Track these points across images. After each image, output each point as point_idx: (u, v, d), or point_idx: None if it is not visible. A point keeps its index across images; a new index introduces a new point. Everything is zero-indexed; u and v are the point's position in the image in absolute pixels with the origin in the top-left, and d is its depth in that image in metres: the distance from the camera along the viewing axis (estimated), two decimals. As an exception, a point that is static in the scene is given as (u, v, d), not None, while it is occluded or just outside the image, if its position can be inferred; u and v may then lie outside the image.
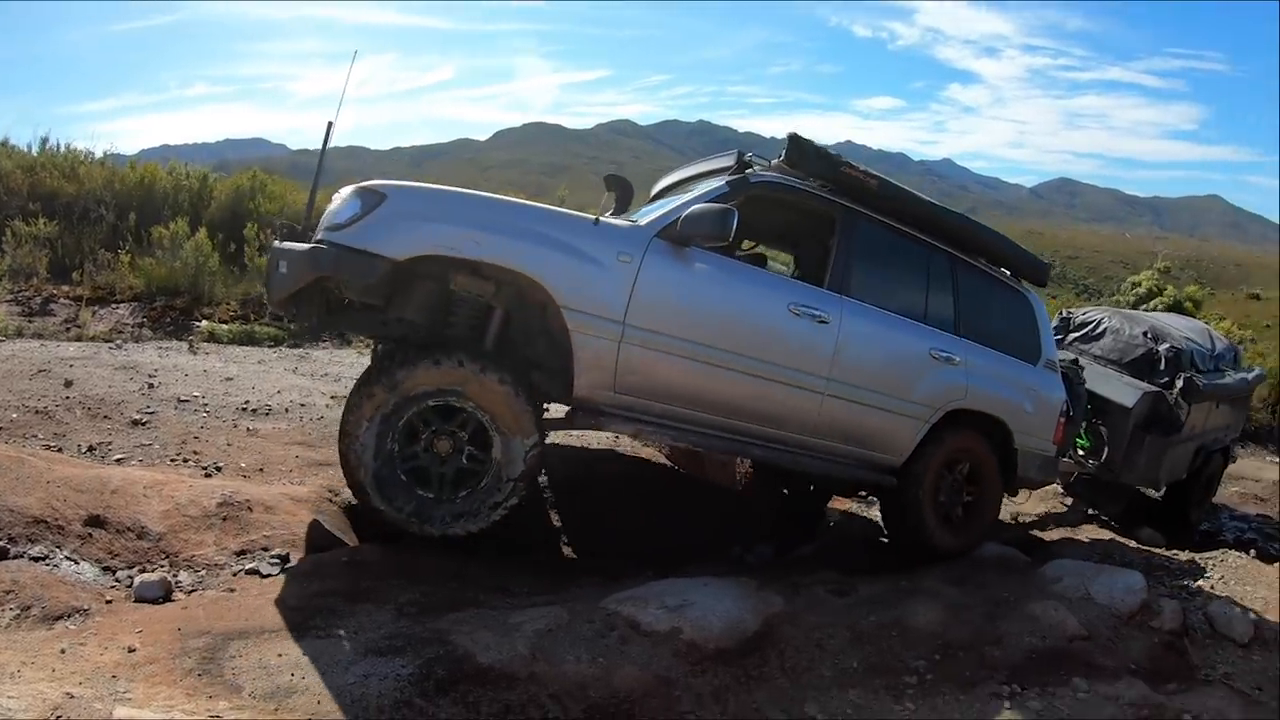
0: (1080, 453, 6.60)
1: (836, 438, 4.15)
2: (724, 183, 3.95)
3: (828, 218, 4.26)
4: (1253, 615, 4.28)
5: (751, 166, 4.12)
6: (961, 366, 4.47)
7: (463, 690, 2.37)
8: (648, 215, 3.80)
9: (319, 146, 3.77)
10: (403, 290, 3.46)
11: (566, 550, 4.35)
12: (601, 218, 3.62)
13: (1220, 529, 8.11)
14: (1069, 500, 7.63)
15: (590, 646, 2.69)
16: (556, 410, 3.96)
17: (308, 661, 2.37)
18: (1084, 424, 6.35)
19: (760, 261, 5.08)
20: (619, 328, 3.48)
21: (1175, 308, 21.17)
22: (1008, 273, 5.05)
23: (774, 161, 4.21)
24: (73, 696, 2.07)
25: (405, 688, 2.30)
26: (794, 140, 4.13)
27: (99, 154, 8.40)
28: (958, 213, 4.83)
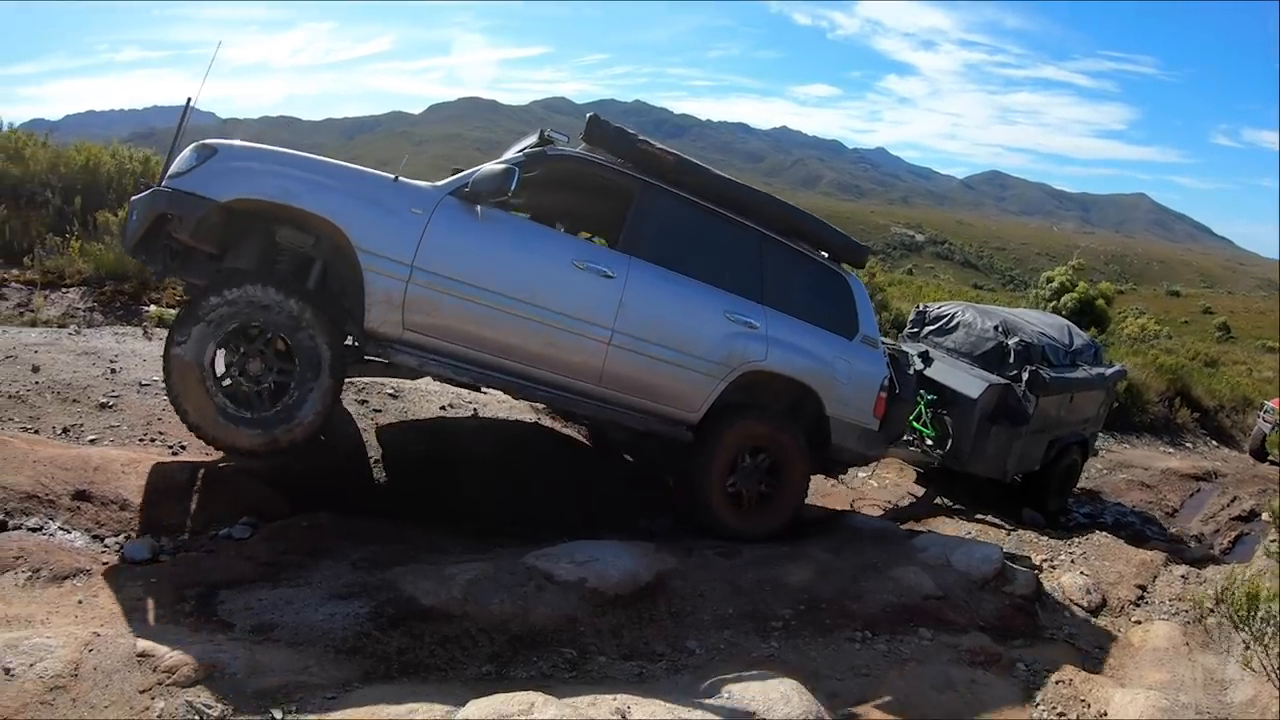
0: (929, 443, 6.79)
1: (625, 388, 4.38)
2: (521, 153, 4.33)
3: (626, 190, 4.53)
4: (1103, 586, 4.75)
5: (553, 143, 4.42)
6: (761, 330, 4.63)
7: (409, 625, 3.00)
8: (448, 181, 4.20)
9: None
10: (236, 243, 4.08)
11: (491, 518, 4.70)
12: (401, 178, 4.02)
13: (1102, 513, 8.54)
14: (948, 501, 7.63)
15: (511, 592, 3.32)
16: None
17: (284, 603, 2.97)
18: (929, 413, 6.68)
19: None
20: (407, 269, 3.88)
21: (1086, 304, 22.34)
22: (825, 254, 5.20)
23: (575, 141, 4.53)
24: (99, 635, 2.62)
25: (364, 623, 2.92)
26: (593, 120, 4.45)
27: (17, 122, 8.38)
28: (766, 194, 4.99)
